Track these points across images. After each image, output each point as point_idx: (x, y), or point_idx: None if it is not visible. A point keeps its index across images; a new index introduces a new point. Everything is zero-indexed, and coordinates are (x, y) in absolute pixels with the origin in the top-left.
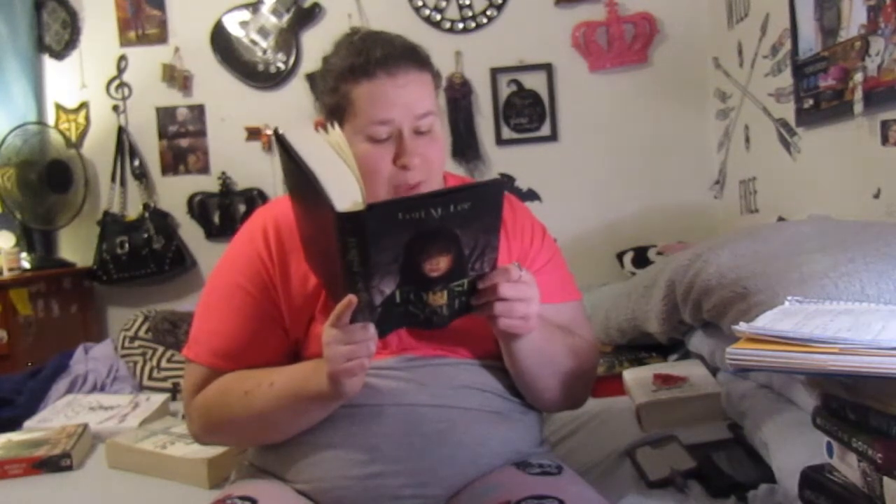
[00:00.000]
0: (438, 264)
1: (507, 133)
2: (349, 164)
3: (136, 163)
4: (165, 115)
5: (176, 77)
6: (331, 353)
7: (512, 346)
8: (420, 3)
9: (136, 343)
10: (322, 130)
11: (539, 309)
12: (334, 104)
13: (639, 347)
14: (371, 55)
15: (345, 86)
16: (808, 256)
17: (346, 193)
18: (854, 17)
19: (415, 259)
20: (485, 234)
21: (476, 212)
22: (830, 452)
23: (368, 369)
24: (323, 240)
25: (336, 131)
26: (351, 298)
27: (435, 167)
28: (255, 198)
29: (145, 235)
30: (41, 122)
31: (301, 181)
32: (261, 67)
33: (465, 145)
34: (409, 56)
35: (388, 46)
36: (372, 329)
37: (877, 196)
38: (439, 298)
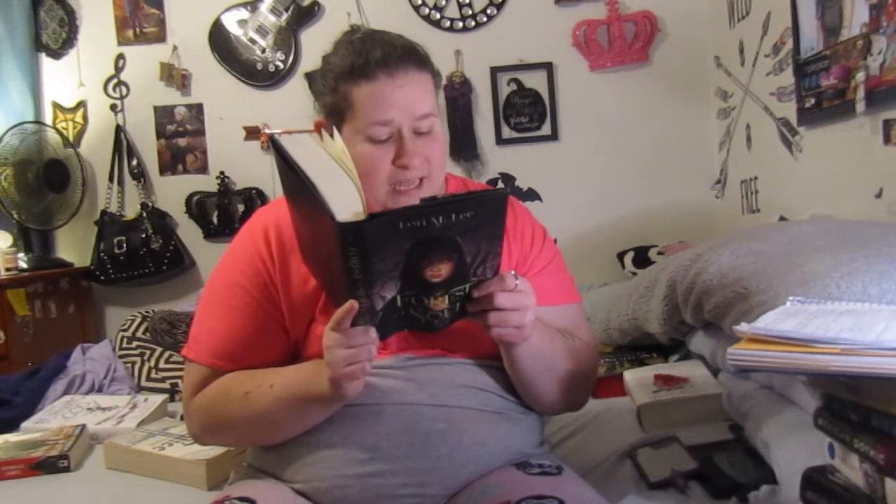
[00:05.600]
0: (440, 270)
1: (507, 132)
2: (349, 171)
3: (134, 162)
4: (163, 115)
5: (174, 76)
6: (332, 356)
7: (511, 350)
8: (420, 2)
9: (135, 343)
10: (319, 136)
11: (534, 317)
12: (334, 104)
13: (639, 348)
14: (371, 55)
15: (344, 86)
16: (810, 256)
17: (346, 202)
18: (856, 16)
19: (416, 265)
20: (487, 242)
21: (478, 221)
22: (832, 453)
23: (370, 372)
24: (323, 246)
25: (336, 138)
26: (352, 304)
27: (435, 167)
28: (253, 197)
29: (143, 235)
30: (38, 122)
31: (300, 189)
32: (259, 66)
33: (463, 145)
34: (408, 56)
35: (388, 47)
36: (373, 333)
37: (879, 196)
38: (441, 303)
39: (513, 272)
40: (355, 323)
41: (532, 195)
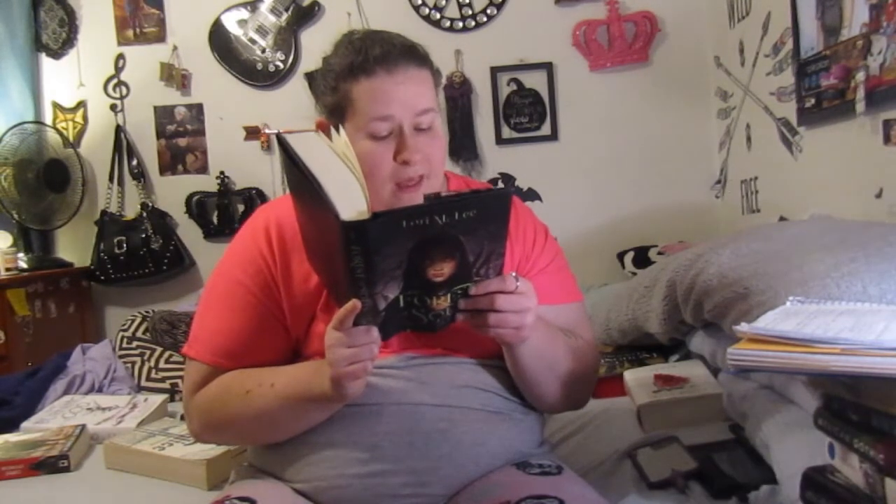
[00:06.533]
0: (442, 269)
1: (507, 132)
2: (354, 170)
3: (134, 162)
4: (163, 115)
5: (174, 76)
6: (334, 356)
7: (512, 349)
8: (420, 2)
9: (135, 343)
10: (325, 134)
11: (534, 319)
12: (334, 103)
13: (640, 348)
14: (370, 53)
15: (345, 84)
16: (810, 256)
17: (350, 201)
18: (856, 16)
19: (419, 264)
20: (490, 242)
21: (482, 220)
22: (832, 453)
23: (371, 372)
24: (326, 244)
25: (341, 136)
26: (355, 303)
27: (436, 164)
28: (253, 197)
29: (143, 235)
30: (38, 122)
31: (304, 186)
32: (259, 66)
33: (461, 145)
34: (407, 53)
35: (387, 44)
36: (375, 332)
37: (879, 196)
38: (443, 302)
39: (514, 274)
40: (357, 322)
41: (532, 195)
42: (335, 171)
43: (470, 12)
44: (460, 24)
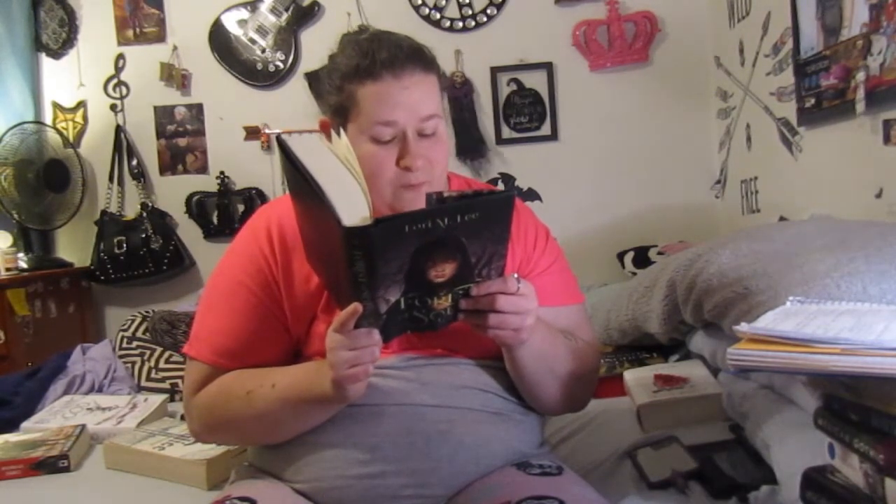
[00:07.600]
0: (444, 271)
1: (507, 132)
2: (355, 174)
3: (134, 162)
4: (163, 115)
5: (174, 76)
6: (335, 358)
7: (512, 351)
8: (420, 2)
9: (135, 343)
10: (326, 137)
11: (534, 321)
12: (339, 104)
13: (639, 348)
14: (377, 56)
15: (350, 86)
16: (810, 256)
17: (352, 205)
18: (856, 16)
19: (421, 266)
20: (493, 244)
21: (485, 222)
22: (832, 453)
23: (372, 374)
24: (327, 247)
25: (342, 139)
26: (356, 306)
27: (438, 169)
28: (253, 197)
29: (143, 235)
30: (38, 122)
31: (305, 189)
32: (259, 66)
33: (469, 144)
34: (415, 58)
35: (395, 48)
36: (376, 335)
37: (879, 196)
38: (444, 302)
39: (515, 275)
40: (359, 325)
41: (532, 195)
42: (336, 175)
43: (470, 12)
44: (460, 24)
